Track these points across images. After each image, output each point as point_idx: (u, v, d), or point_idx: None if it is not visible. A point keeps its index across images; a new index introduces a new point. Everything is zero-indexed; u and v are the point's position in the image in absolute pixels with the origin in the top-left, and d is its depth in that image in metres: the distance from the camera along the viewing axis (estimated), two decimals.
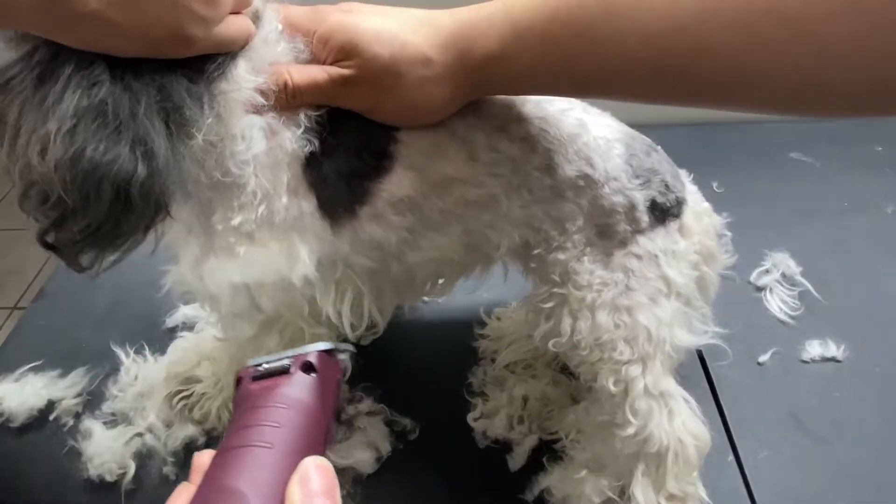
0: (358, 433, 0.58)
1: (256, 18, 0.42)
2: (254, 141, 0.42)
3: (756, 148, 0.95)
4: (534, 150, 0.47)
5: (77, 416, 0.61)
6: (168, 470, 0.57)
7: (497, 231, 0.49)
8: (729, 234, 0.61)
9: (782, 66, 0.34)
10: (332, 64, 0.43)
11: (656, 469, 0.50)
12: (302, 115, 0.43)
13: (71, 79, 0.34)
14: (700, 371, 0.65)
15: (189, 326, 0.68)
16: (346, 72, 0.42)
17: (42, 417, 0.61)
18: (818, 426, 0.59)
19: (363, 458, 0.56)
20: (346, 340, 0.50)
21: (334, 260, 0.48)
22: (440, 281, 0.55)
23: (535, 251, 0.50)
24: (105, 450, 0.57)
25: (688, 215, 0.52)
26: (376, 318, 0.52)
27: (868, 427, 0.59)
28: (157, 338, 0.68)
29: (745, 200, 0.85)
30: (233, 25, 0.39)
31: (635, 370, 0.49)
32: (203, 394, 0.61)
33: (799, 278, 0.73)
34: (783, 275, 0.73)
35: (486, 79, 0.43)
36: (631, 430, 0.49)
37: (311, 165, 0.44)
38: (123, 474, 0.56)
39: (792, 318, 0.69)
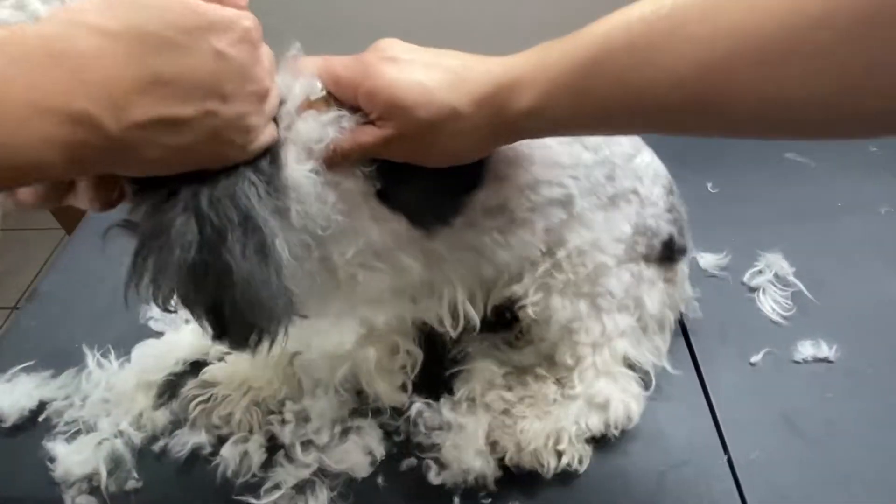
0: (353, 437, 0.58)
1: (284, 100, 0.45)
2: (327, 197, 0.46)
3: (751, 148, 0.95)
4: (601, 161, 0.55)
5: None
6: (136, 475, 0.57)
7: (569, 230, 0.55)
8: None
9: (809, 100, 0.36)
10: (375, 121, 0.45)
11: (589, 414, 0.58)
12: (359, 171, 0.48)
13: (173, 239, 0.40)
14: (692, 371, 0.65)
15: (155, 332, 0.69)
16: (388, 132, 0.45)
17: (33, 418, 0.61)
18: (810, 427, 0.59)
19: (358, 462, 0.56)
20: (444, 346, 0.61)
21: (432, 267, 0.54)
22: (521, 282, 0.58)
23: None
24: (74, 465, 0.56)
25: (681, 266, 0.61)
26: (471, 316, 0.57)
27: (860, 427, 0.59)
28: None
29: (740, 201, 0.85)
30: (263, 139, 0.42)
31: (587, 351, 0.58)
32: (226, 396, 0.60)
33: (792, 279, 0.73)
34: (776, 275, 0.73)
35: (523, 129, 0.46)
36: (578, 390, 0.58)
37: (388, 199, 0.49)
38: (97, 481, 0.56)
39: (784, 318, 0.69)
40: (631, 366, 0.60)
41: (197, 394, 0.61)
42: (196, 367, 0.65)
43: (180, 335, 0.67)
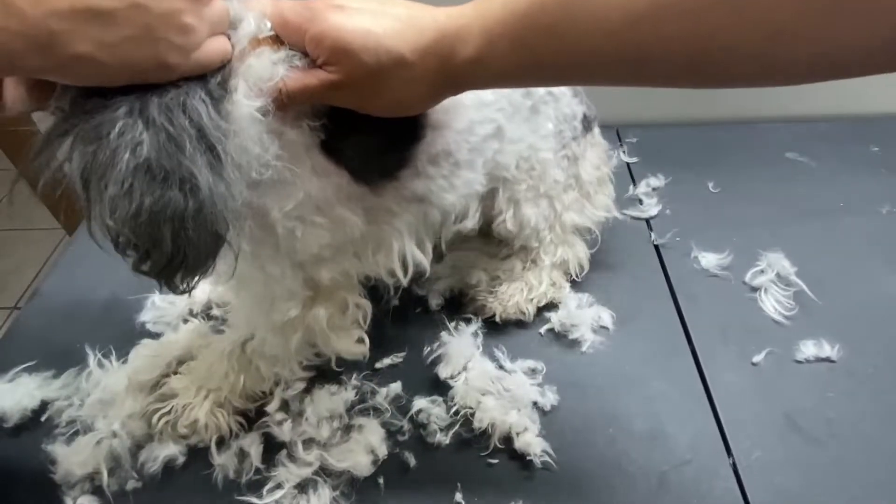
0: (354, 436, 0.58)
1: (235, 26, 0.45)
2: (268, 143, 0.46)
3: (752, 148, 0.95)
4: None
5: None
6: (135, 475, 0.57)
7: (504, 154, 0.62)
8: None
9: (735, 51, 0.37)
10: (322, 66, 0.45)
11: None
12: (305, 123, 0.48)
13: (118, 142, 0.39)
14: (694, 371, 0.65)
15: (153, 333, 0.69)
16: (334, 77, 0.45)
17: (35, 418, 0.61)
18: (812, 426, 0.59)
19: (360, 462, 0.56)
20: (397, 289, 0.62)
21: (378, 223, 0.56)
22: (466, 219, 0.64)
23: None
24: (74, 466, 0.56)
25: (594, 133, 0.72)
26: (422, 262, 0.60)
27: (862, 427, 0.59)
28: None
29: (741, 200, 0.85)
30: (210, 49, 0.42)
31: (546, 233, 0.70)
32: (185, 405, 0.59)
33: (794, 278, 0.73)
34: (778, 275, 0.73)
35: (466, 79, 0.47)
36: (545, 261, 0.71)
37: (331, 151, 0.50)
38: (99, 480, 0.56)
39: (786, 318, 0.69)
40: (578, 230, 0.72)
41: (158, 407, 0.59)
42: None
43: (178, 335, 0.67)
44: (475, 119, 0.57)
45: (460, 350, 0.64)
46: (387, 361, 0.65)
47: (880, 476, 0.56)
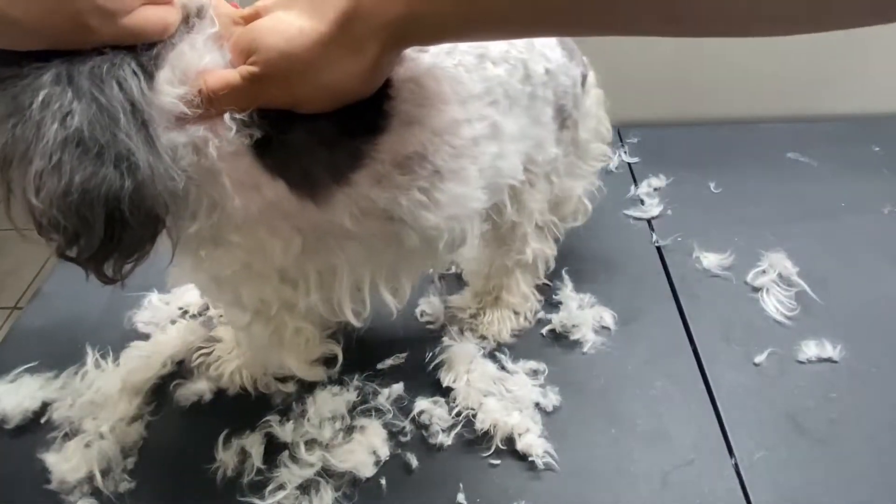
0: (357, 436, 0.58)
1: (193, 15, 0.42)
2: (181, 156, 0.41)
3: (753, 148, 0.95)
4: (513, 67, 0.50)
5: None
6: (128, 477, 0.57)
7: (506, 157, 0.51)
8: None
9: None
10: (245, 63, 0.42)
11: (525, 270, 0.66)
12: (227, 118, 0.42)
13: (43, 113, 0.35)
14: (696, 371, 0.65)
15: (143, 335, 0.69)
16: (252, 68, 0.41)
17: (36, 419, 0.61)
18: (815, 427, 0.59)
19: (362, 462, 0.56)
20: (346, 328, 0.53)
21: (327, 240, 0.46)
22: (464, 244, 0.53)
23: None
24: (66, 472, 0.56)
25: (590, 78, 0.63)
26: (386, 299, 0.51)
27: (865, 427, 0.59)
28: None
29: (742, 201, 0.85)
30: (141, 16, 0.38)
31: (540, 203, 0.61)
32: (220, 356, 0.63)
33: (795, 279, 0.73)
34: (780, 275, 0.73)
35: (403, 39, 0.42)
36: (531, 251, 0.63)
37: (267, 153, 0.43)
38: (96, 483, 0.56)
39: (788, 318, 0.69)
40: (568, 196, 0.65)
41: (202, 346, 0.65)
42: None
43: (167, 335, 0.67)
44: (459, 117, 0.47)
45: (462, 355, 0.64)
46: (389, 362, 0.65)
47: (883, 476, 0.55)
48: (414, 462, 0.57)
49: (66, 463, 0.56)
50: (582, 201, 0.68)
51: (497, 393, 0.61)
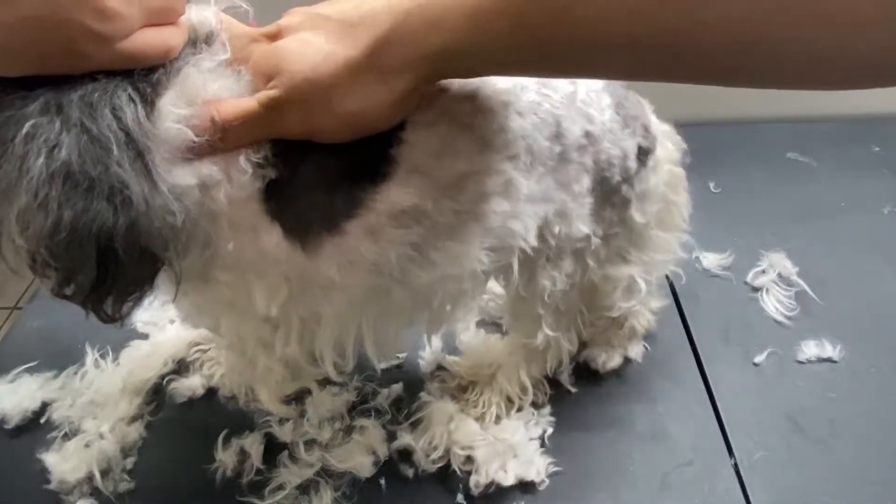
0: (356, 437, 0.58)
1: (202, 40, 0.39)
2: (184, 194, 0.37)
3: (753, 148, 0.95)
4: (542, 121, 0.45)
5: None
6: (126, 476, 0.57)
7: (518, 219, 0.45)
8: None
9: (790, 38, 0.31)
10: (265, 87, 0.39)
11: (531, 357, 0.58)
12: (243, 161, 0.39)
13: (27, 146, 0.33)
14: (696, 371, 0.65)
15: (142, 335, 0.68)
16: (272, 93, 0.38)
17: (36, 419, 0.61)
18: (814, 427, 0.59)
19: (361, 462, 0.56)
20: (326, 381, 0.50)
21: (312, 289, 0.43)
22: (464, 305, 0.49)
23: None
24: (66, 473, 0.55)
25: (658, 153, 0.52)
26: (372, 353, 0.48)
27: (864, 428, 0.59)
28: None
29: (742, 200, 0.85)
30: (141, 40, 0.35)
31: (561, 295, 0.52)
32: (213, 357, 0.63)
33: (795, 279, 0.73)
34: (779, 275, 0.73)
35: (440, 71, 0.39)
36: (543, 335, 0.54)
37: (272, 196, 0.40)
38: (95, 482, 0.56)
39: (788, 318, 0.69)
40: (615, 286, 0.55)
41: (200, 342, 0.65)
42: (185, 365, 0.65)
43: (166, 334, 0.67)
44: (468, 170, 0.42)
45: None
46: (388, 362, 0.65)
47: (883, 476, 0.56)
48: (413, 462, 0.57)
49: (65, 463, 0.56)
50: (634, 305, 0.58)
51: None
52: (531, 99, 0.45)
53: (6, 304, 1.73)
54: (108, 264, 0.35)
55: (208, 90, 0.38)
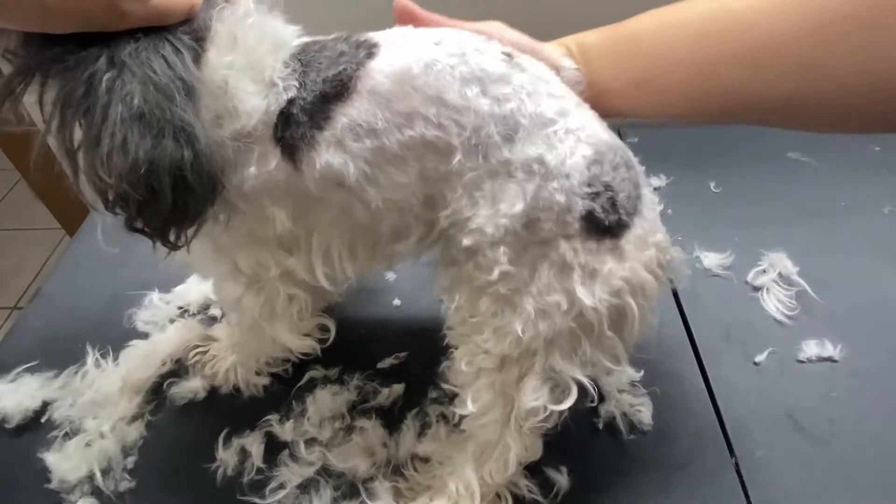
0: (355, 437, 0.58)
1: None
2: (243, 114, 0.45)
3: (754, 148, 0.95)
4: (502, 116, 0.46)
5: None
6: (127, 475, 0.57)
7: (450, 188, 0.47)
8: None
9: (858, 69, 0.37)
10: None
11: (480, 455, 0.53)
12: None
13: (109, 96, 0.39)
14: (697, 371, 0.65)
15: (142, 334, 0.69)
16: None
17: (37, 419, 0.61)
18: (815, 426, 0.59)
19: (361, 461, 0.56)
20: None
21: (305, 204, 0.49)
22: (406, 239, 0.52)
23: (459, 218, 0.48)
24: (67, 472, 0.56)
25: (627, 239, 0.47)
26: (346, 268, 0.52)
27: (865, 427, 0.59)
28: None
29: (743, 200, 0.85)
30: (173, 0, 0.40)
31: (490, 362, 0.49)
32: (215, 355, 0.64)
33: (796, 278, 0.73)
34: (780, 275, 0.73)
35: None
36: (465, 411, 0.50)
37: (279, 120, 0.46)
38: (96, 481, 0.56)
39: (789, 317, 0.69)
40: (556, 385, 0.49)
41: (198, 344, 0.65)
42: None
43: (166, 334, 0.68)
44: (418, 110, 0.46)
45: None
46: (389, 362, 0.65)
47: (883, 475, 0.56)
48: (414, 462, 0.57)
49: (66, 462, 0.56)
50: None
51: None
52: (503, 91, 0.46)
53: (7, 304, 1.73)
54: (181, 192, 0.41)
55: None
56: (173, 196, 0.41)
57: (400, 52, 0.47)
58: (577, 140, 0.47)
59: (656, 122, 0.77)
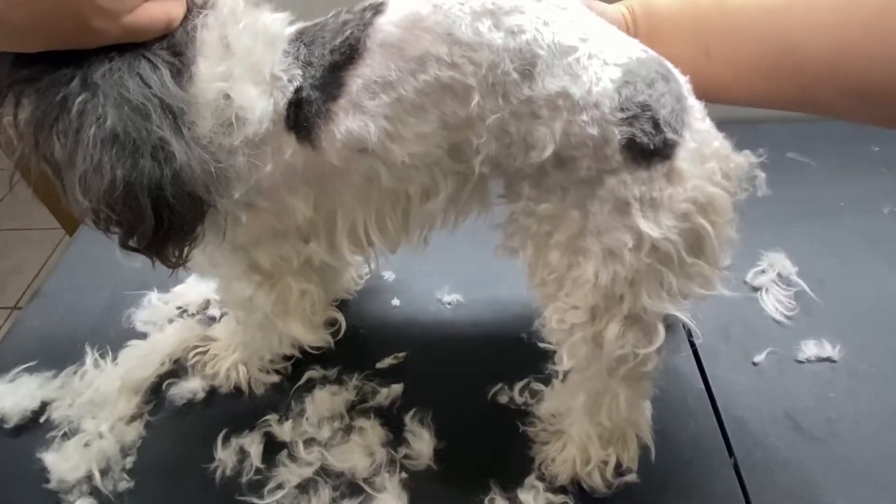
0: (354, 437, 0.58)
1: (200, 5, 0.44)
2: (237, 127, 0.44)
3: (753, 148, 0.95)
4: (517, 49, 0.43)
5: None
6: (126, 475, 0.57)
7: (475, 133, 0.45)
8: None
9: (875, 51, 0.37)
10: None
11: (592, 404, 0.53)
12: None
13: (81, 120, 0.38)
14: (696, 371, 0.65)
15: (141, 334, 0.69)
16: None
17: (35, 419, 0.61)
18: (814, 426, 0.59)
19: (360, 461, 0.56)
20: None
21: (325, 185, 0.49)
22: (436, 196, 0.50)
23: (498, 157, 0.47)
24: (66, 472, 0.56)
25: (681, 158, 0.44)
26: (376, 241, 0.52)
27: (863, 427, 0.59)
28: None
29: (742, 200, 0.85)
30: (145, 13, 0.39)
31: (580, 316, 0.47)
32: (216, 354, 0.64)
33: (795, 278, 0.73)
34: (779, 275, 0.73)
35: None
36: (564, 367, 0.50)
37: (289, 108, 0.46)
38: (94, 481, 0.56)
39: (787, 318, 0.69)
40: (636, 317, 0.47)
41: (197, 345, 0.65)
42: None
43: (165, 334, 0.68)
44: (431, 51, 0.43)
45: None
46: (388, 362, 0.65)
47: (882, 476, 0.55)
48: (413, 462, 0.57)
49: (65, 462, 0.56)
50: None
51: None
52: (516, 22, 0.43)
53: (6, 304, 1.73)
54: (162, 211, 0.41)
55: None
56: (156, 216, 0.41)
57: (408, 1, 0.45)
58: (602, 64, 0.44)
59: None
